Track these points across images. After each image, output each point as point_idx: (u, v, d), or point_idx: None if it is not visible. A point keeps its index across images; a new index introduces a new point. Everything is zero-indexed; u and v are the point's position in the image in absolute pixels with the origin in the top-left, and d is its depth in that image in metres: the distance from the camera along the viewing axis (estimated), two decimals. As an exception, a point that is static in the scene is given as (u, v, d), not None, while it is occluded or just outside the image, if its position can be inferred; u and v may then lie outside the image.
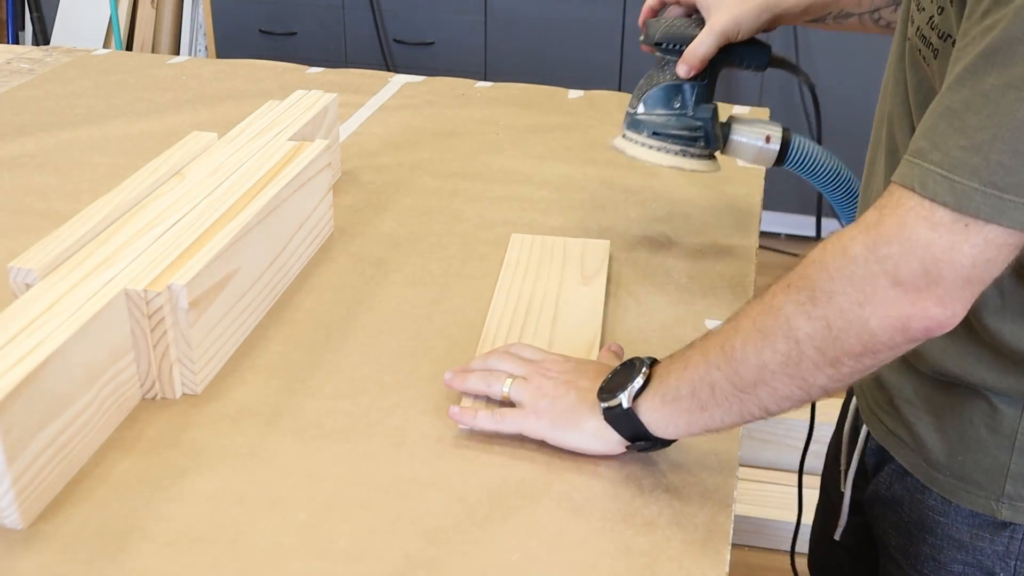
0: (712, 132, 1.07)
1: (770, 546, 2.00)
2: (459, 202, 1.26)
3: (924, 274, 0.65)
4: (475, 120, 1.52)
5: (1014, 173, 0.62)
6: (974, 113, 0.63)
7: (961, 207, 0.63)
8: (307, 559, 0.72)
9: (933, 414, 0.84)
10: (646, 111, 1.07)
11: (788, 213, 3.15)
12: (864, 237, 0.67)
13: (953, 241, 0.64)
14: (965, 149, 0.63)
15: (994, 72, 0.62)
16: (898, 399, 0.87)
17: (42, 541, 0.73)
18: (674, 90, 1.05)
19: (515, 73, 2.52)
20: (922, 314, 0.66)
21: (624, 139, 1.09)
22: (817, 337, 0.69)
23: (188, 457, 0.81)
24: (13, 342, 0.75)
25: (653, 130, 1.06)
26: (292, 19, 3.21)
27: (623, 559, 0.73)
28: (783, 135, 1.07)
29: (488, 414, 0.83)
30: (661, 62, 1.06)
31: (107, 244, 0.90)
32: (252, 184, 1.01)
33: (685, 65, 1.03)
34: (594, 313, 0.99)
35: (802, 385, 0.71)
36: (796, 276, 0.71)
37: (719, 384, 0.74)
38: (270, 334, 0.98)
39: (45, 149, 1.38)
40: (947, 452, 0.83)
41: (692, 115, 1.06)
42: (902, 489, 0.88)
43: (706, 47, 1.01)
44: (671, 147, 1.06)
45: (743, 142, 1.08)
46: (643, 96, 1.07)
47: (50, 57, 1.77)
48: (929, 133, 0.65)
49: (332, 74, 1.71)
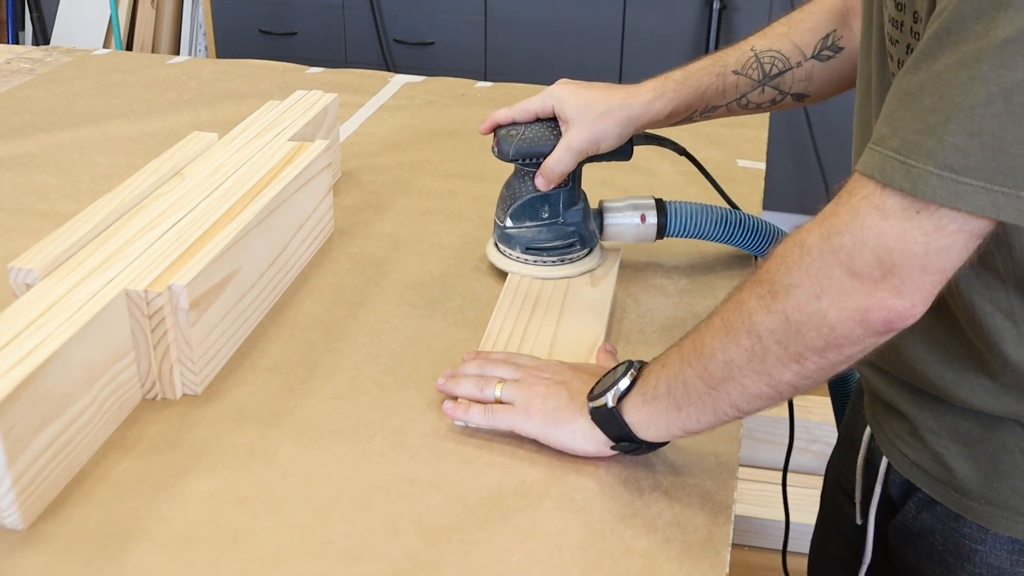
0: (587, 232, 1.06)
1: (770, 546, 2.00)
2: (459, 202, 1.26)
3: (878, 264, 0.64)
4: (475, 120, 1.52)
5: (969, 155, 0.60)
6: (928, 95, 0.61)
7: (917, 191, 0.61)
8: (307, 559, 0.72)
9: (961, 443, 0.81)
10: (515, 225, 1.05)
11: (788, 213, 3.15)
12: (819, 228, 0.66)
13: (904, 228, 0.62)
14: (920, 132, 0.61)
15: (946, 52, 0.61)
16: (922, 429, 0.84)
17: (43, 541, 0.73)
18: (540, 201, 1.03)
19: (515, 73, 2.52)
20: (879, 305, 0.65)
21: (498, 252, 1.08)
22: (778, 331, 0.68)
23: (188, 457, 0.81)
24: (13, 342, 0.75)
25: (526, 245, 1.05)
26: (292, 19, 3.21)
27: (623, 560, 0.73)
28: (656, 205, 1.07)
29: (480, 409, 0.83)
30: (520, 172, 1.04)
31: (107, 244, 0.90)
32: (252, 184, 1.01)
33: (544, 179, 1.01)
34: (600, 316, 0.99)
35: (769, 382, 0.71)
36: (762, 271, 0.70)
37: (691, 382, 0.74)
38: (270, 334, 0.98)
39: (45, 149, 1.38)
40: (980, 480, 0.81)
41: (563, 222, 1.04)
42: (932, 518, 0.85)
43: (564, 165, 1.00)
44: (548, 259, 1.05)
45: (620, 225, 1.07)
46: (509, 210, 1.05)
47: (50, 57, 1.77)
48: (889, 118, 0.64)
49: (332, 74, 1.71)
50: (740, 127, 1.49)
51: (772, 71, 1.01)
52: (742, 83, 1.02)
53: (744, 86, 1.02)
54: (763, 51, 1.01)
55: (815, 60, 1.00)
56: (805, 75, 1.01)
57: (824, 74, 1.01)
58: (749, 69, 1.01)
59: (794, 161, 3.06)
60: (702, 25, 2.93)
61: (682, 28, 2.96)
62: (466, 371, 0.88)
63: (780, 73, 1.01)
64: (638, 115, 1.00)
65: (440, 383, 0.88)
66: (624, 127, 1.00)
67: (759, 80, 1.02)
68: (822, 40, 1.00)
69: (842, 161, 3.06)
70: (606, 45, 3.01)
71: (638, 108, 1.00)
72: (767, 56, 1.01)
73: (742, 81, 1.02)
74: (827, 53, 1.00)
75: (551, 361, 0.88)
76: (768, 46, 1.02)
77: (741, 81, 1.02)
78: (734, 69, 1.02)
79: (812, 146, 3.00)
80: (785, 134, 3.00)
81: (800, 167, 3.06)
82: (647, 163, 1.35)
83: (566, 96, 1.00)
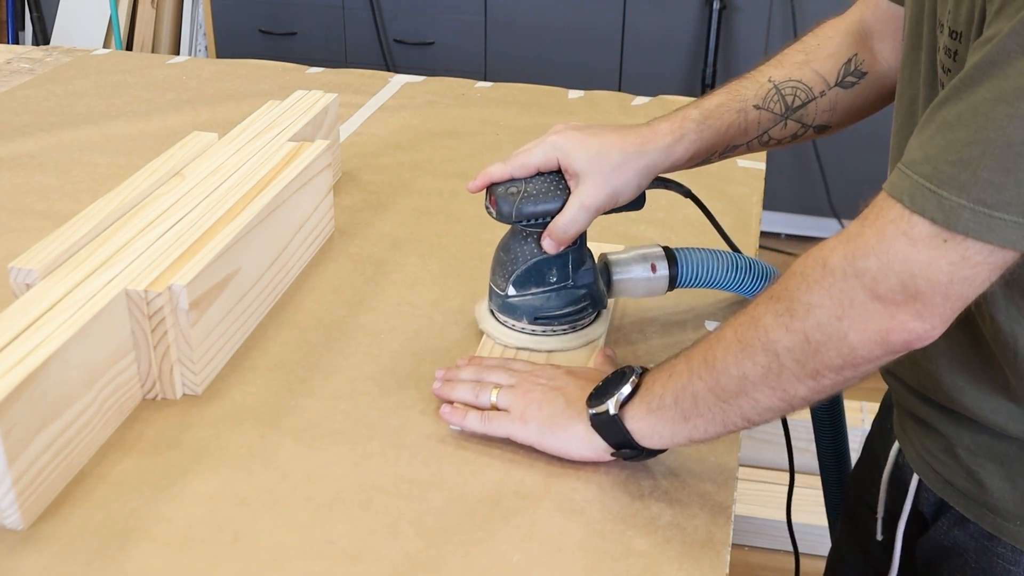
0: (597, 293, 0.95)
1: (770, 546, 2.00)
2: (459, 202, 1.26)
3: (902, 288, 0.63)
4: (475, 120, 1.52)
5: (1003, 191, 0.60)
6: (964, 127, 0.61)
7: (949, 224, 0.61)
8: (307, 559, 0.72)
9: (998, 462, 0.80)
10: (519, 293, 0.93)
11: (788, 213, 3.15)
12: (843, 249, 0.66)
13: (931, 256, 0.62)
14: (954, 164, 0.61)
15: (986, 85, 0.60)
16: (957, 447, 0.82)
17: (43, 541, 0.73)
18: (547, 264, 0.92)
19: (515, 73, 2.52)
20: (901, 327, 0.65)
21: (497, 323, 0.96)
22: (796, 350, 0.68)
23: (188, 457, 0.81)
24: (14, 343, 0.75)
25: (534, 315, 0.93)
26: (292, 19, 3.21)
27: (623, 560, 0.73)
28: (666, 255, 0.98)
29: (477, 415, 0.83)
30: (520, 233, 0.92)
31: (107, 244, 0.90)
32: (252, 184, 1.01)
33: (553, 242, 0.90)
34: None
35: (783, 396, 0.70)
36: (778, 287, 0.70)
37: (701, 394, 0.73)
38: (270, 334, 0.98)
39: (45, 149, 1.38)
40: (1017, 500, 0.79)
41: (574, 285, 0.93)
42: (965, 536, 0.83)
43: (578, 225, 0.89)
44: (558, 327, 0.94)
45: (630, 279, 0.97)
46: (512, 277, 0.93)
47: (50, 57, 1.77)
48: (924, 144, 0.64)
49: (332, 74, 1.71)
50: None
51: (795, 103, 0.95)
52: (764, 118, 0.95)
53: (766, 121, 0.95)
54: (782, 82, 0.95)
55: (839, 87, 0.95)
56: (829, 105, 0.96)
57: (847, 102, 0.96)
58: (771, 102, 0.95)
59: (794, 161, 3.06)
60: (702, 25, 2.93)
61: (682, 28, 2.96)
62: (461, 376, 0.87)
63: (803, 104, 0.95)
64: (658, 163, 0.91)
65: (435, 387, 0.88)
66: (643, 177, 0.91)
67: (781, 113, 0.95)
68: (844, 66, 0.95)
69: (842, 161, 3.07)
70: (606, 45, 3.01)
71: (657, 155, 0.90)
72: (788, 87, 0.95)
73: (764, 116, 0.95)
74: (851, 79, 0.95)
75: (547, 366, 0.88)
76: (787, 76, 0.95)
77: (763, 116, 0.95)
78: (755, 104, 0.94)
79: (812, 146, 3.00)
80: (785, 134, 2.99)
81: (800, 167, 3.06)
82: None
83: (572, 147, 0.89)
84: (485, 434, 0.83)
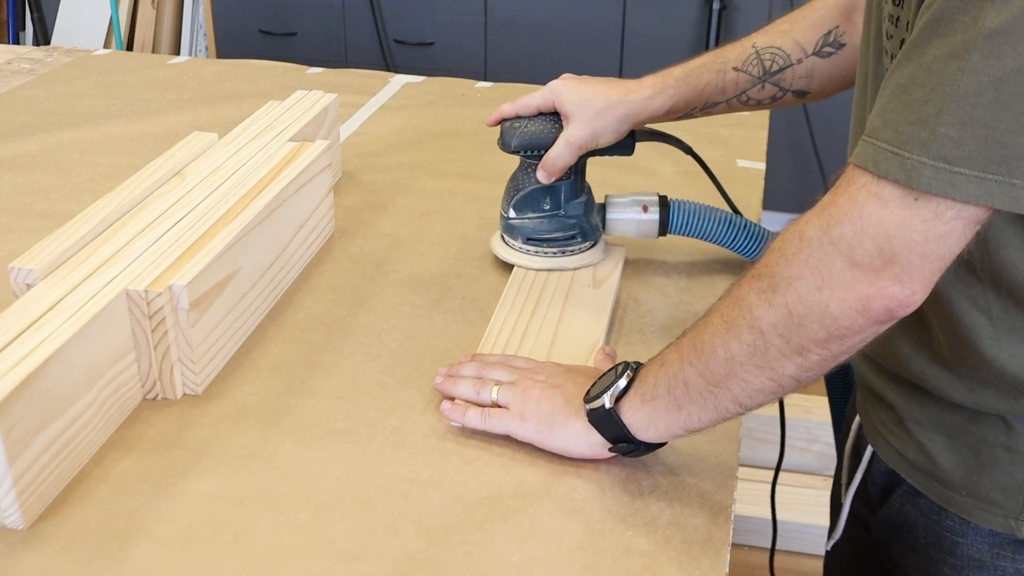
0: (588, 225, 1.07)
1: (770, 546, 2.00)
2: (459, 202, 1.26)
3: (879, 252, 0.64)
4: (475, 120, 1.53)
5: (962, 145, 0.60)
6: (920, 86, 0.62)
7: (912, 183, 0.62)
8: (307, 559, 0.72)
9: (945, 434, 0.82)
10: (517, 216, 1.06)
11: (788, 213, 3.14)
12: (817, 219, 0.67)
13: (903, 216, 0.63)
14: (913, 124, 0.62)
15: (935, 43, 0.61)
16: (907, 420, 0.84)
17: (43, 541, 0.73)
18: (542, 192, 1.05)
19: (515, 73, 2.52)
20: (881, 293, 0.65)
21: (502, 243, 1.09)
22: (780, 325, 0.68)
23: (189, 457, 0.81)
24: (14, 343, 0.75)
25: (527, 235, 1.06)
26: (292, 19, 3.21)
27: (623, 560, 0.73)
28: (660, 200, 1.07)
29: (477, 411, 0.84)
30: (524, 164, 1.05)
31: (108, 244, 0.90)
32: (253, 184, 1.01)
33: (545, 172, 1.03)
34: (600, 317, 0.99)
35: (772, 376, 0.71)
36: (760, 265, 0.71)
37: (692, 380, 0.74)
38: (270, 334, 0.98)
39: (45, 149, 1.38)
40: (962, 472, 0.81)
41: (564, 214, 1.05)
42: (915, 511, 0.86)
43: (564, 159, 1.01)
44: (548, 250, 1.06)
45: (621, 219, 1.08)
46: (512, 200, 1.06)
47: (51, 57, 1.77)
48: (882, 111, 0.65)
49: (332, 74, 1.71)
50: (740, 127, 1.49)
51: (772, 67, 1.01)
52: (742, 80, 1.02)
53: (744, 83, 1.02)
54: (764, 47, 1.02)
55: (816, 57, 1.01)
56: (806, 72, 1.01)
57: (825, 71, 1.01)
58: (749, 65, 1.02)
59: (794, 161, 3.06)
60: (702, 25, 2.93)
61: (682, 28, 2.96)
62: (463, 372, 0.88)
63: (780, 70, 1.01)
64: (636, 112, 1.01)
65: (438, 382, 0.88)
66: (622, 123, 1.01)
67: (759, 77, 1.02)
68: (824, 36, 1.00)
69: (842, 161, 3.06)
70: (606, 45, 3.01)
71: (636, 105, 1.01)
72: (767, 52, 1.01)
73: (742, 78, 1.02)
74: (828, 50, 1.00)
75: (547, 363, 0.88)
76: (769, 42, 1.02)
77: (741, 78, 1.02)
78: (734, 66, 1.02)
79: (812, 146, 3.00)
80: (785, 134, 3.00)
81: (800, 167, 3.06)
82: (648, 163, 1.35)
83: (566, 91, 1.01)
84: (485, 431, 0.83)
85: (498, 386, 0.84)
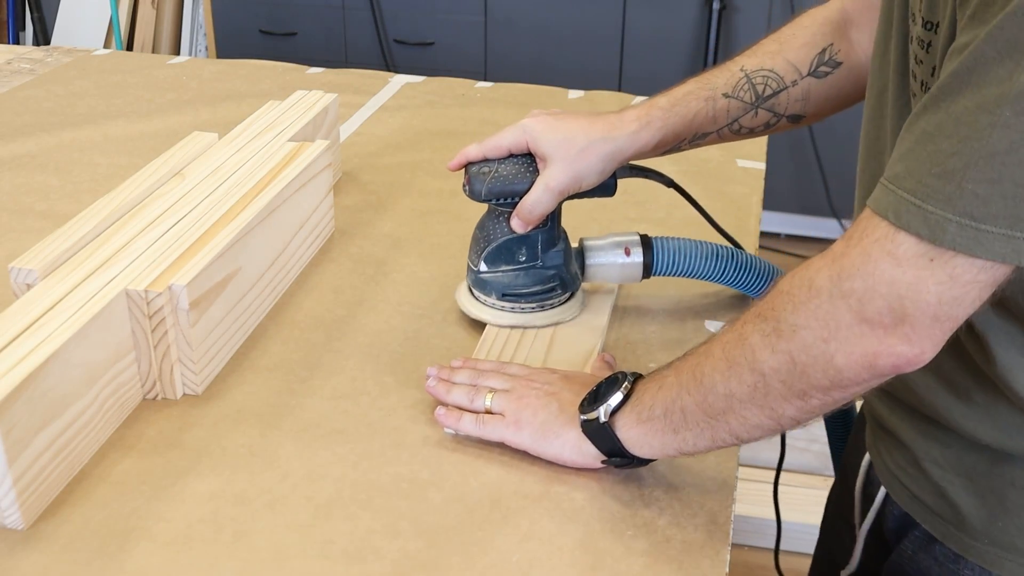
0: (568, 275, 0.98)
1: (770, 546, 2.00)
2: (459, 202, 1.26)
3: (890, 311, 0.62)
4: (475, 120, 1.53)
5: (989, 203, 0.58)
6: (947, 137, 0.59)
7: (935, 238, 0.59)
8: (307, 559, 0.72)
9: (967, 476, 0.77)
10: (489, 269, 0.96)
11: (788, 213, 3.15)
12: (829, 270, 0.64)
13: (918, 277, 0.61)
14: (938, 176, 0.59)
15: (966, 93, 0.58)
16: (925, 461, 0.80)
17: (43, 541, 0.73)
18: (516, 243, 0.95)
19: (515, 73, 2.52)
20: (889, 351, 0.63)
21: (471, 298, 1.00)
22: (782, 371, 0.67)
23: (188, 457, 0.81)
24: (14, 343, 0.75)
25: (502, 291, 0.97)
26: (292, 19, 3.21)
27: (623, 560, 0.73)
28: (642, 240, 0.99)
29: (472, 418, 0.83)
30: (494, 212, 0.96)
31: (108, 244, 0.90)
32: (253, 184, 1.01)
33: (520, 221, 0.93)
34: (598, 321, 0.99)
35: (771, 416, 0.70)
36: (766, 305, 0.69)
37: (690, 409, 0.73)
38: (270, 334, 0.98)
39: (45, 149, 1.38)
40: (985, 518, 0.77)
41: (542, 265, 0.96)
42: (929, 559, 0.81)
43: (543, 206, 0.92)
44: (525, 306, 0.97)
45: (603, 264, 0.99)
46: (483, 253, 0.96)
47: (51, 57, 1.77)
48: (905, 157, 0.62)
49: (332, 74, 1.71)
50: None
51: (765, 92, 0.94)
52: (733, 107, 0.95)
53: (736, 110, 0.95)
54: (754, 71, 0.95)
55: (812, 77, 0.94)
56: (801, 94, 0.95)
57: (822, 92, 0.95)
58: (740, 91, 0.94)
59: (794, 161, 3.06)
60: (702, 25, 2.93)
61: (682, 29, 2.96)
62: (456, 379, 0.87)
63: (775, 93, 0.95)
64: (622, 148, 0.93)
65: (429, 385, 0.87)
66: (607, 163, 0.93)
67: (751, 102, 0.95)
68: (818, 55, 0.94)
69: (842, 161, 3.07)
70: (606, 46, 3.01)
71: (622, 141, 0.92)
72: (759, 76, 0.94)
73: (733, 105, 0.95)
74: (824, 69, 0.94)
75: (542, 370, 0.87)
76: (759, 65, 0.95)
77: (732, 105, 0.95)
78: (724, 92, 0.94)
79: (812, 146, 3.01)
80: (785, 134, 2.99)
81: (800, 167, 3.06)
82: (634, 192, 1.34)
83: (541, 130, 0.92)
84: (480, 437, 0.83)
85: (492, 393, 0.83)
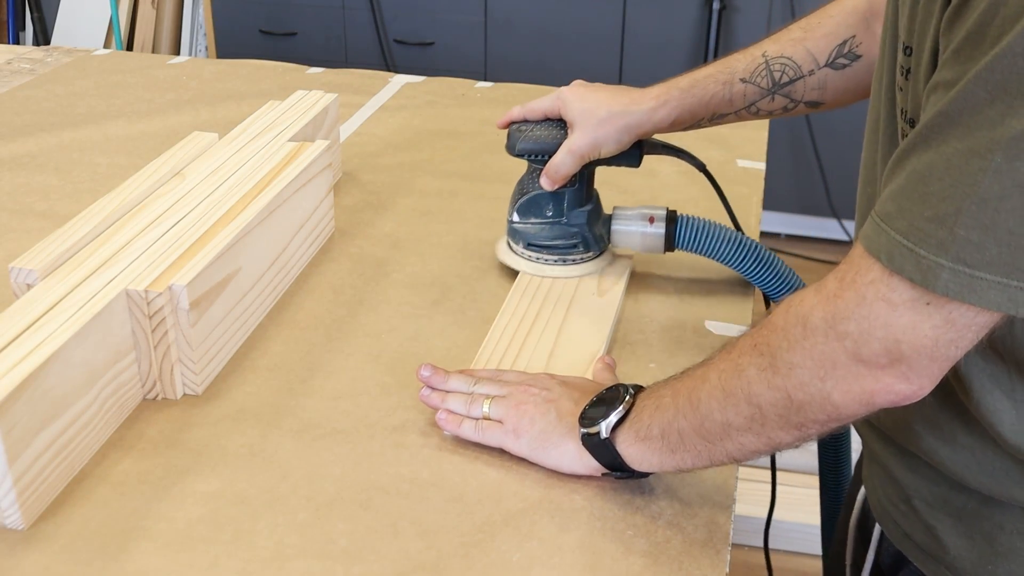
0: (591, 235, 1.05)
1: (770, 546, 2.00)
2: (459, 202, 1.26)
3: (886, 353, 0.62)
4: (475, 120, 1.53)
5: (984, 249, 0.56)
6: (938, 179, 0.58)
7: (927, 284, 0.58)
8: (307, 559, 0.72)
9: (956, 517, 0.76)
10: (520, 220, 1.06)
11: (788, 213, 3.15)
12: (822, 310, 0.64)
13: (914, 321, 0.60)
14: (930, 220, 0.58)
15: (956, 134, 0.57)
16: (915, 498, 0.79)
17: (43, 541, 0.73)
18: (546, 198, 1.04)
19: (515, 74, 2.52)
20: (886, 389, 0.63)
21: (507, 247, 1.09)
22: (779, 406, 0.67)
23: (189, 457, 0.81)
24: (14, 343, 0.75)
25: (528, 240, 1.06)
26: (292, 19, 3.21)
27: (623, 560, 0.73)
28: (667, 215, 1.04)
29: (472, 424, 0.83)
30: (531, 169, 1.05)
31: (108, 244, 0.90)
32: (253, 185, 1.01)
33: (547, 179, 1.01)
34: (602, 326, 0.98)
35: (768, 442, 0.70)
36: (761, 337, 0.68)
37: (687, 432, 0.73)
38: (270, 334, 0.98)
39: (45, 149, 1.38)
40: (975, 560, 0.76)
41: (566, 222, 1.04)
42: None
43: (566, 167, 1.00)
44: (548, 257, 1.06)
45: (626, 230, 1.06)
46: (516, 204, 1.06)
47: (51, 57, 1.77)
48: (896, 196, 0.60)
49: (332, 74, 1.71)
50: (740, 127, 1.48)
51: (782, 79, 0.97)
52: (750, 91, 0.98)
53: (752, 94, 0.98)
54: (774, 58, 0.97)
55: (829, 68, 0.96)
56: (818, 83, 0.96)
57: (839, 83, 0.96)
58: (758, 77, 0.98)
59: (794, 161, 3.06)
60: (702, 26, 2.93)
61: (682, 29, 2.96)
62: (450, 387, 0.86)
63: (791, 81, 0.97)
64: (639, 123, 0.98)
65: (423, 395, 0.86)
66: (623, 134, 0.99)
67: (768, 88, 0.98)
68: (838, 47, 0.95)
69: (842, 161, 3.07)
70: (606, 46, 3.01)
71: (639, 116, 0.98)
72: (777, 63, 0.97)
73: (750, 89, 0.98)
74: (842, 61, 0.95)
75: (541, 375, 0.86)
76: (780, 52, 0.97)
77: (749, 89, 0.98)
78: (742, 77, 0.98)
79: (812, 146, 3.01)
80: (785, 134, 3.00)
81: (800, 167, 3.06)
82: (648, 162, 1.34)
83: (572, 99, 1.00)
84: (479, 442, 0.83)
85: (489, 400, 0.83)
